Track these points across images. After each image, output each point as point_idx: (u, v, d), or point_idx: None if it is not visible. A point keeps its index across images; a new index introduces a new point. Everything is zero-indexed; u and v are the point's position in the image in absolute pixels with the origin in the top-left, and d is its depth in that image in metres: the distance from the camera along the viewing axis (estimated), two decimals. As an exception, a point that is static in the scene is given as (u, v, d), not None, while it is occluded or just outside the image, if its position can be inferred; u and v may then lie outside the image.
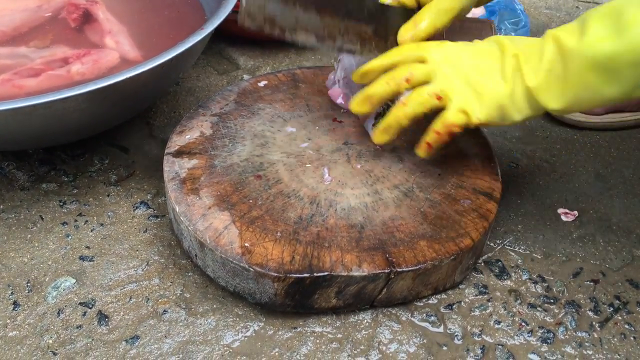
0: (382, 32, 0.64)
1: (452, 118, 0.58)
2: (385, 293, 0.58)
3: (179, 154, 0.67)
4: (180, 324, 0.59)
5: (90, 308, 0.60)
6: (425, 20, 0.61)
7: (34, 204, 0.71)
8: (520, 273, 0.65)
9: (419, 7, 0.63)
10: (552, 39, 0.54)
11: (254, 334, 0.58)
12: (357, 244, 0.58)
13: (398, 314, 0.60)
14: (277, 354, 0.57)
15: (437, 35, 0.62)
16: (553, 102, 0.55)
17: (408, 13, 0.64)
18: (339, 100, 0.74)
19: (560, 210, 0.73)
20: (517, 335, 0.59)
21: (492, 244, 0.68)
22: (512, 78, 0.56)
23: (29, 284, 0.62)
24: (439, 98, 0.58)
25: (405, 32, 0.62)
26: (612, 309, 0.62)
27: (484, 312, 0.61)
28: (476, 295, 0.62)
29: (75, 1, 0.83)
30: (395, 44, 0.63)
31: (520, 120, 0.58)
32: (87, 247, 0.66)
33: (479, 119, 0.58)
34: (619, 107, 0.84)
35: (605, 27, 0.50)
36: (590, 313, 0.62)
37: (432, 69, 0.59)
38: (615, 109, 0.84)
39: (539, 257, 0.67)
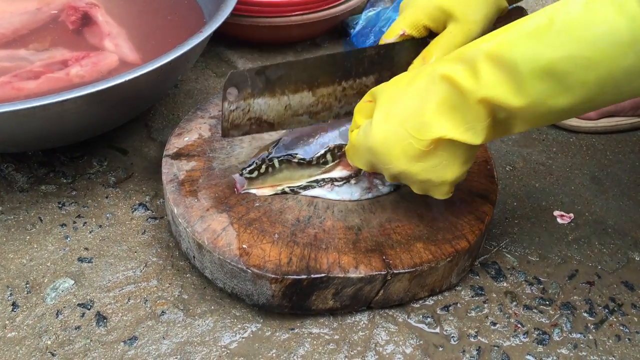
0: (387, 76, 0.59)
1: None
2: (382, 294, 0.59)
3: (177, 156, 0.67)
4: (178, 325, 0.59)
5: (89, 309, 0.60)
6: (434, 57, 0.57)
7: (33, 205, 0.71)
8: (516, 275, 0.65)
9: (431, 35, 0.59)
10: (443, 78, 0.50)
11: (251, 335, 0.59)
12: (354, 245, 0.59)
13: (395, 316, 0.61)
14: (274, 355, 0.57)
15: None
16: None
17: (416, 46, 0.59)
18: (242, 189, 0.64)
19: (556, 213, 0.73)
20: (512, 337, 0.60)
21: (488, 246, 0.68)
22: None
23: (27, 285, 0.63)
24: (370, 101, 0.56)
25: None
26: (607, 310, 0.62)
27: (480, 313, 0.61)
28: (472, 297, 0.63)
29: (74, 4, 0.84)
30: None
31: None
32: (86, 249, 0.66)
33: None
34: (613, 112, 0.84)
35: (499, 75, 0.46)
36: (585, 315, 0.62)
37: (373, 99, 0.56)
38: (609, 113, 0.84)
39: (535, 259, 0.67)
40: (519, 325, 0.61)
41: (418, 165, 0.52)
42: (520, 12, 0.63)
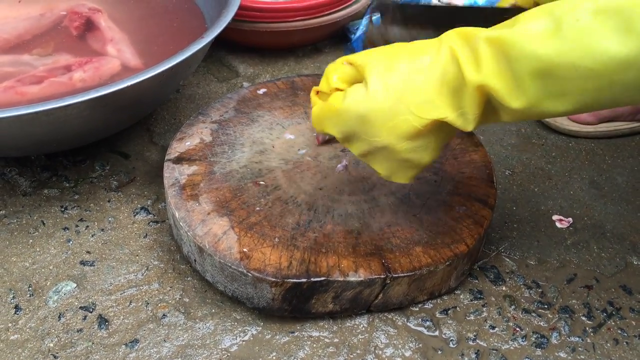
0: None
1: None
2: (381, 298, 0.59)
3: (179, 160, 0.68)
4: (179, 328, 0.60)
5: (91, 312, 0.61)
6: None
7: (35, 209, 0.72)
8: (515, 279, 0.66)
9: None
10: (450, 54, 0.48)
11: (251, 338, 0.59)
12: (353, 249, 0.59)
13: (394, 319, 0.61)
14: (274, 358, 0.57)
15: None
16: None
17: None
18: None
19: (554, 217, 0.74)
20: (511, 340, 0.60)
21: (487, 250, 0.69)
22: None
23: (30, 288, 0.63)
24: (351, 64, 0.53)
25: None
26: (605, 314, 0.63)
27: (478, 317, 0.62)
28: (471, 301, 0.63)
29: (77, 9, 0.84)
30: None
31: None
32: (88, 252, 0.67)
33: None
34: (612, 117, 0.84)
35: (500, 67, 0.45)
36: (583, 318, 0.62)
37: (360, 64, 0.52)
38: (608, 118, 0.85)
39: (534, 263, 0.68)
40: (517, 329, 0.61)
41: (406, 143, 0.50)
42: None
